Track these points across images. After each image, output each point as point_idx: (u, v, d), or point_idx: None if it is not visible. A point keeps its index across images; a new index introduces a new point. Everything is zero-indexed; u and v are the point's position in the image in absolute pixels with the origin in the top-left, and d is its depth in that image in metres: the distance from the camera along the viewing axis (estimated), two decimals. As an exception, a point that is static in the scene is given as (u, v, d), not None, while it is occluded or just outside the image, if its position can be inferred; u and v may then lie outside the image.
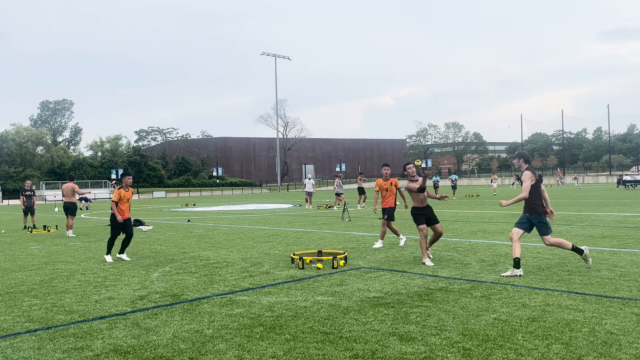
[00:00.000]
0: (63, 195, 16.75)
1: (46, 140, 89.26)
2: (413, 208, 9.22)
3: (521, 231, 7.69)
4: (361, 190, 27.20)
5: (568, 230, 13.14)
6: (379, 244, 11.06)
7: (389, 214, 10.89)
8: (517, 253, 7.53)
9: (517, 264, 7.49)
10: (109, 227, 11.11)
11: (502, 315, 5.47)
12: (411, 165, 9.26)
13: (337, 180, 28.28)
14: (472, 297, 6.25)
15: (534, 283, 6.96)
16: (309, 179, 30.02)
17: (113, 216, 10.40)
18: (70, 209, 16.36)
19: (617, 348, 4.39)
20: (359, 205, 26.70)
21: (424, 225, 9.00)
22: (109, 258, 10.18)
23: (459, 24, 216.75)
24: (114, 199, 10.36)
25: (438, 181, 36.91)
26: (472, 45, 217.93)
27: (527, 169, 7.75)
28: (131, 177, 10.73)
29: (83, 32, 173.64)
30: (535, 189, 7.64)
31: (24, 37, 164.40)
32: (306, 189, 29.55)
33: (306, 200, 29.31)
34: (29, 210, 19.86)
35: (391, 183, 10.98)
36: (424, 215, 9.06)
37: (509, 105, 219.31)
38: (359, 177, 28.10)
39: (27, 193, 20.01)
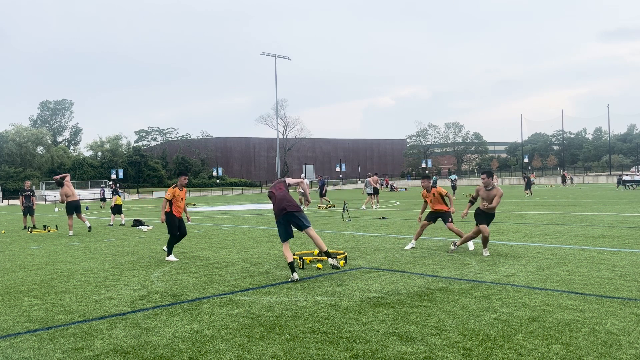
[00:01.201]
0: (61, 201, 16.71)
1: (46, 140, 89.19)
2: (477, 208, 10.14)
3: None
4: (375, 190, 27.22)
5: (568, 231, 13.14)
6: (411, 244, 10.81)
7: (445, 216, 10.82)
8: (289, 258, 7.80)
9: (290, 267, 7.73)
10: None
11: (502, 315, 5.46)
12: (485, 176, 10.11)
13: (375, 178, 27.82)
14: (472, 297, 6.25)
15: (534, 283, 6.96)
16: (303, 179, 29.85)
17: (169, 216, 10.17)
18: (69, 208, 16.35)
19: (617, 348, 4.39)
20: (374, 205, 26.70)
21: (484, 225, 9.83)
22: (172, 257, 10.04)
23: (458, 24, 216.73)
24: (168, 197, 10.21)
25: (436, 181, 36.93)
26: (472, 45, 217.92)
27: None
28: (187, 177, 10.71)
29: (83, 32, 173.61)
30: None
31: (24, 37, 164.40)
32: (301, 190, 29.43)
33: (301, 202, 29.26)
34: (28, 210, 19.85)
35: (433, 194, 10.80)
36: (484, 218, 9.99)
37: (509, 105, 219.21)
38: (372, 178, 27.64)
39: (27, 193, 20.00)
